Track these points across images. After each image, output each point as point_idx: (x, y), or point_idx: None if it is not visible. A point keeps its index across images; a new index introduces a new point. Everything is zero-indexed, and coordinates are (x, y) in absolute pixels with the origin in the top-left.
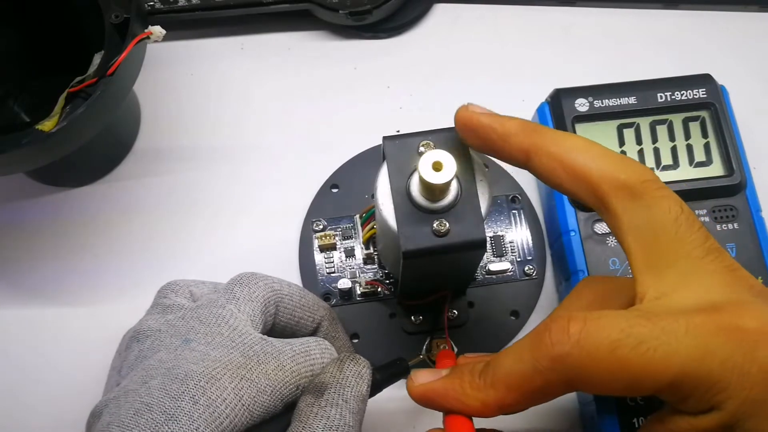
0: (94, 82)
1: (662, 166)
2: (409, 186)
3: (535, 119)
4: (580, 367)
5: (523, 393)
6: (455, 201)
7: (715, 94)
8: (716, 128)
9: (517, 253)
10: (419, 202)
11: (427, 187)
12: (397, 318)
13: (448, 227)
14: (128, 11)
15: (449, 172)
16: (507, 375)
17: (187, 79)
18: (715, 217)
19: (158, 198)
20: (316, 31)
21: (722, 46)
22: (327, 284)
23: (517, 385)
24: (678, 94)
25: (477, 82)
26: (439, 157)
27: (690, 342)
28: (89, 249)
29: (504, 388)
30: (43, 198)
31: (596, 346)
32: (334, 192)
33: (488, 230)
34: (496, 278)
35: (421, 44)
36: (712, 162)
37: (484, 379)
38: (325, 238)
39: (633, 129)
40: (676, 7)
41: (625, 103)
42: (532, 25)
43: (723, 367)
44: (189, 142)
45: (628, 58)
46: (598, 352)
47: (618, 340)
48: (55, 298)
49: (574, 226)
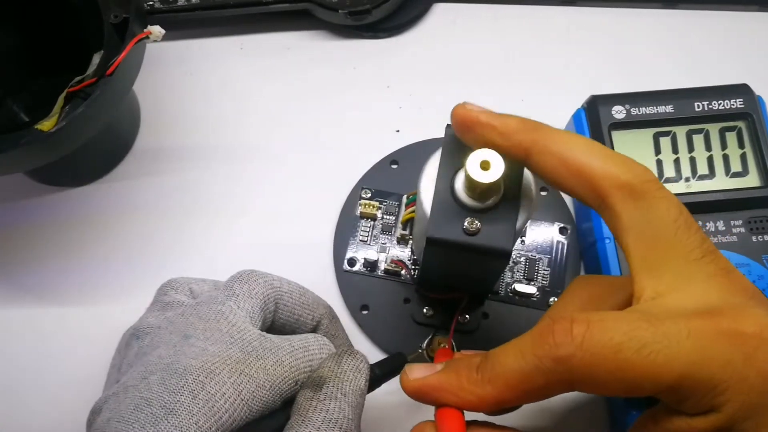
0: (93, 82)
1: (698, 175)
2: (454, 178)
3: (570, 125)
4: (583, 368)
5: (523, 391)
6: (494, 206)
7: (753, 104)
8: (753, 139)
9: (548, 281)
10: (459, 197)
11: (470, 183)
12: (411, 304)
13: (478, 228)
14: (127, 11)
15: (494, 174)
16: (507, 372)
17: (186, 78)
18: (750, 228)
19: (158, 197)
20: (316, 31)
21: (760, 53)
22: (356, 248)
23: (516, 383)
24: (715, 104)
25: (477, 81)
26: (489, 157)
27: (691, 346)
28: (89, 249)
29: (503, 384)
30: (43, 198)
31: (600, 348)
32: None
33: (525, 251)
34: (518, 299)
35: (421, 44)
36: (748, 172)
37: (482, 375)
38: (369, 207)
39: (669, 138)
40: (678, 7)
41: (662, 111)
42: (532, 24)
43: (723, 371)
44: (188, 142)
45: (630, 61)
46: (602, 355)
47: (621, 343)
48: (55, 297)
49: (609, 234)
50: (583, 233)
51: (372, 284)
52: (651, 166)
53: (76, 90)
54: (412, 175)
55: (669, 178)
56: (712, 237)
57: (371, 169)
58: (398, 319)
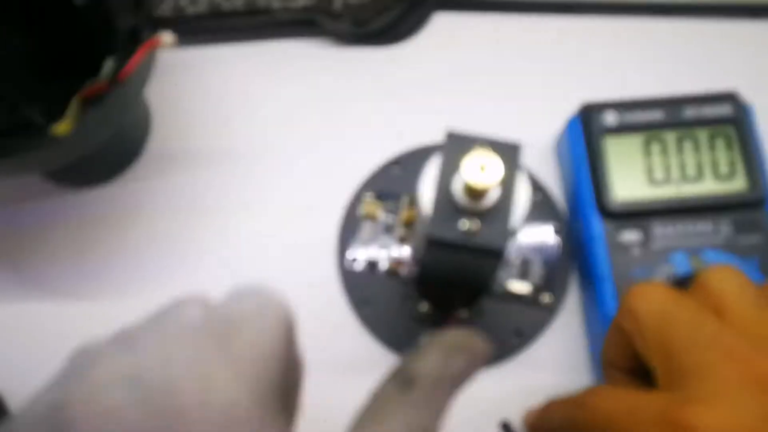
0: (105, 87)
1: (688, 179)
2: (453, 180)
3: (565, 132)
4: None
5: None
6: (491, 208)
7: (740, 111)
8: (741, 144)
9: (541, 280)
10: (457, 199)
11: (467, 186)
12: (410, 301)
13: (475, 228)
14: (140, 18)
15: (492, 177)
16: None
17: (195, 84)
18: (737, 229)
19: (168, 199)
20: (321, 40)
21: (749, 60)
22: (359, 247)
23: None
24: (704, 110)
25: (475, 88)
26: (486, 161)
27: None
28: (100, 249)
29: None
30: (57, 199)
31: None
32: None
33: (519, 251)
34: (512, 297)
35: (421, 52)
36: (736, 176)
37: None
38: (371, 208)
39: (659, 142)
40: (670, 17)
41: (652, 117)
42: (531, 33)
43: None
44: (198, 145)
45: (629, 69)
46: None
47: None
48: (67, 297)
49: (600, 235)
50: (576, 234)
51: (373, 282)
52: (642, 170)
53: (89, 94)
54: (413, 178)
55: (659, 182)
56: (699, 238)
57: (374, 172)
58: (398, 316)
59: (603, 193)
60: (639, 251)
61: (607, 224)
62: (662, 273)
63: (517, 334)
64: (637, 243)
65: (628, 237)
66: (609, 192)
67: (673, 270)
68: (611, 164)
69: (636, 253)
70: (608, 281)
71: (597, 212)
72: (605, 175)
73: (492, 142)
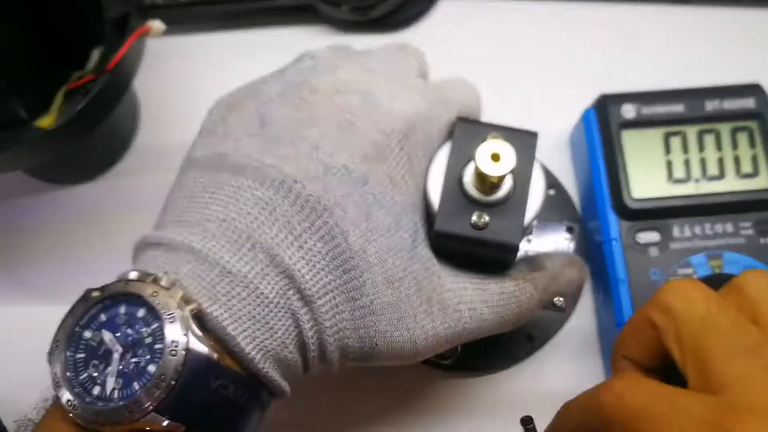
0: (93, 78)
1: (708, 176)
2: (463, 171)
3: (579, 125)
4: None
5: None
6: (504, 200)
7: (764, 104)
8: (764, 139)
9: None
10: (468, 191)
11: (479, 176)
12: None
13: (486, 222)
14: (128, 6)
15: (505, 167)
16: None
17: (186, 74)
18: (759, 230)
19: (158, 194)
20: (319, 27)
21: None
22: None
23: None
24: (726, 103)
25: (482, 77)
26: (500, 149)
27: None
28: (88, 246)
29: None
30: (42, 195)
31: None
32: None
33: (532, 250)
34: None
35: (425, 39)
36: (759, 174)
37: None
38: None
39: (679, 137)
40: (689, 4)
41: (673, 110)
42: (539, 20)
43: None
44: (189, 138)
45: (640, 59)
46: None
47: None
48: (54, 295)
49: (617, 235)
50: (591, 233)
51: None
52: (661, 167)
53: (76, 86)
54: None
55: (678, 179)
56: (719, 239)
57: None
58: None
59: (620, 191)
60: (657, 252)
61: (624, 223)
62: (681, 276)
63: (528, 338)
64: (654, 244)
65: (645, 237)
66: (626, 190)
67: (693, 273)
68: (629, 160)
69: (653, 254)
70: (624, 284)
71: (613, 211)
72: (622, 171)
73: (506, 130)
